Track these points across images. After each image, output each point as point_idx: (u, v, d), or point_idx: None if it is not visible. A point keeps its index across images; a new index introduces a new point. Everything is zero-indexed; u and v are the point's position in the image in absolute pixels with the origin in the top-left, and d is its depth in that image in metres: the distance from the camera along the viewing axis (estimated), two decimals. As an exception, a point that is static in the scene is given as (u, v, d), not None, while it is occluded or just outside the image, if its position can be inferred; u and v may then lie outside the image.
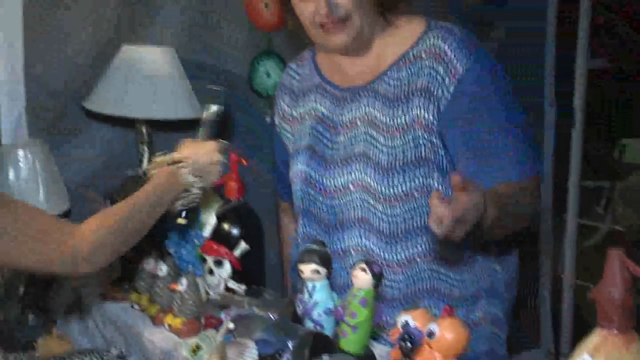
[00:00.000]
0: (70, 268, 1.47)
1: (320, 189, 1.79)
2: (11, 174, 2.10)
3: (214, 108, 1.77)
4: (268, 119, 2.71)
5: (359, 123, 1.74)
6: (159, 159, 1.67)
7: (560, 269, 3.40)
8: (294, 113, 1.90)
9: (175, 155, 1.66)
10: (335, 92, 1.80)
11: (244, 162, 2.06)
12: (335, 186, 1.77)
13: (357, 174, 1.72)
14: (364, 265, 1.45)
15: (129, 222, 1.54)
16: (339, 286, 1.67)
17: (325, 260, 1.53)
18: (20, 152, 2.12)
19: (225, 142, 1.75)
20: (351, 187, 1.74)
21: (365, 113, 1.73)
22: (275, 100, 1.98)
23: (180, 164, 1.64)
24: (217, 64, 2.60)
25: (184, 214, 1.72)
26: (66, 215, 2.24)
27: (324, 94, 1.82)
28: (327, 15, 1.67)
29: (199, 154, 1.68)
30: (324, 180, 1.78)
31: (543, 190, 1.70)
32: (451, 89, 1.66)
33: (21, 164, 2.12)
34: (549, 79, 3.47)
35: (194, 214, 1.82)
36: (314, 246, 1.55)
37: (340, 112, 1.78)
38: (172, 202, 1.65)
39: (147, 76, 2.21)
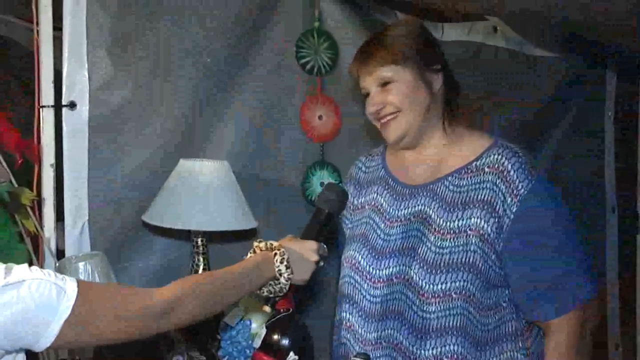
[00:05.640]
0: (146, 326, 1.44)
1: (366, 277, 1.85)
2: (72, 285, 2.16)
3: (325, 211, 1.81)
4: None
5: (412, 219, 1.83)
6: (257, 244, 1.72)
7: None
8: (355, 202, 1.99)
9: (274, 243, 1.71)
10: (397, 187, 1.90)
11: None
12: (379, 276, 1.83)
13: (402, 267, 1.79)
14: None
15: (212, 290, 1.53)
16: None
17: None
18: (81, 265, 2.19)
19: (325, 247, 1.79)
20: (394, 279, 1.80)
21: (420, 211, 1.82)
22: None
23: (276, 251, 1.68)
24: (271, 175, 2.65)
25: (270, 302, 1.75)
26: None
27: (386, 187, 1.93)
28: (377, 112, 1.85)
29: (297, 248, 1.73)
30: (371, 269, 1.85)
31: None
32: (514, 208, 1.73)
33: (82, 276, 2.18)
34: (610, 184, 3.42)
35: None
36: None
37: (398, 206, 1.87)
38: (259, 286, 1.68)
39: (202, 189, 2.27)
